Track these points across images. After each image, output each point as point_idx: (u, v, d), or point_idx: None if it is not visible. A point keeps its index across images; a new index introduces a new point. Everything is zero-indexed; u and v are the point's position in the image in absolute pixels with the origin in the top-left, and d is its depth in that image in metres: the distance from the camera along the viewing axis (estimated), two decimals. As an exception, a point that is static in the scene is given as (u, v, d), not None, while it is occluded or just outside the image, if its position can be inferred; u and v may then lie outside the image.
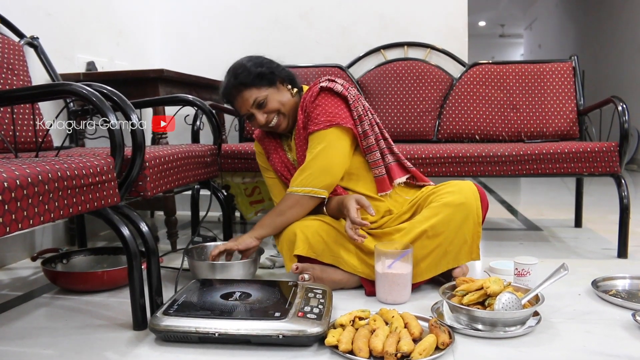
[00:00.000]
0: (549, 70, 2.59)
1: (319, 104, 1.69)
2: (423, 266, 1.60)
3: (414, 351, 1.14)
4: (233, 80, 1.72)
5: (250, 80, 1.70)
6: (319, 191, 1.66)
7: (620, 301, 1.50)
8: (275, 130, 1.78)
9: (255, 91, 1.70)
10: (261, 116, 1.72)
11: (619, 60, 6.79)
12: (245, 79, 1.70)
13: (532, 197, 4.01)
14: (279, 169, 1.84)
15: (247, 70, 1.71)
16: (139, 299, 1.35)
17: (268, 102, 1.71)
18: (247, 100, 1.71)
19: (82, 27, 2.48)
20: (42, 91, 1.36)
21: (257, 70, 1.71)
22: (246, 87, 1.71)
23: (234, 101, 1.75)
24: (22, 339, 1.33)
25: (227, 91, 1.75)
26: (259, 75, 1.71)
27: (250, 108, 1.72)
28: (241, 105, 1.73)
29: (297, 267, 1.64)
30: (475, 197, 1.63)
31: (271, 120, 1.74)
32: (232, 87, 1.73)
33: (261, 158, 1.93)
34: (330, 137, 1.66)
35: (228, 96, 1.76)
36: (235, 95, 1.73)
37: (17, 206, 0.97)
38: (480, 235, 1.64)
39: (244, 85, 1.70)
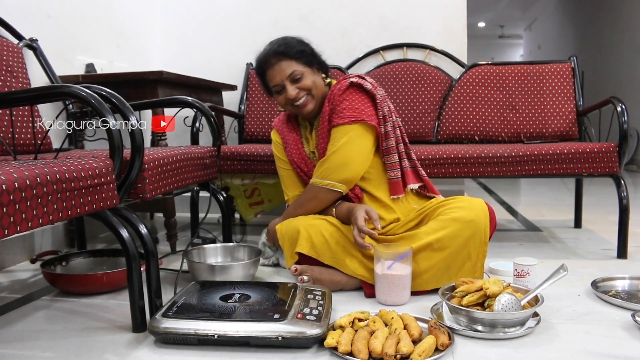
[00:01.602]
0: (549, 71, 2.59)
1: (346, 98, 1.69)
2: (425, 277, 1.60)
3: (414, 352, 1.14)
4: (275, 47, 1.72)
5: (293, 53, 1.71)
6: (337, 185, 1.66)
7: (620, 302, 1.50)
8: (299, 110, 1.76)
9: (294, 64, 1.71)
10: (293, 90, 1.70)
11: (618, 61, 6.79)
12: (288, 50, 1.71)
13: (532, 198, 4.01)
14: (296, 161, 1.83)
15: (291, 43, 1.73)
16: (138, 301, 1.35)
17: (303, 78, 1.71)
18: (285, 70, 1.70)
19: (81, 29, 2.49)
20: (41, 93, 1.36)
21: (301, 47, 1.74)
22: (287, 58, 1.71)
23: (269, 69, 1.73)
24: (22, 341, 1.33)
25: (265, 59, 1.74)
26: (302, 52, 1.73)
27: (284, 79, 1.70)
28: (276, 74, 1.72)
29: (296, 268, 1.65)
30: (485, 216, 1.63)
31: (300, 98, 1.72)
32: (272, 54, 1.72)
33: (278, 148, 1.91)
34: (354, 133, 1.66)
35: (264, 64, 1.74)
36: (272, 64, 1.72)
37: (16, 209, 0.97)
38: (485, 255, 1.64)
39: (285, 55, 1.71)
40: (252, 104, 2.82)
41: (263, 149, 2.28)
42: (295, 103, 1.73)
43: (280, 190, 2.67)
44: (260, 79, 1.81)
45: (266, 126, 2.77)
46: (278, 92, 1.75)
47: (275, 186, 2.61)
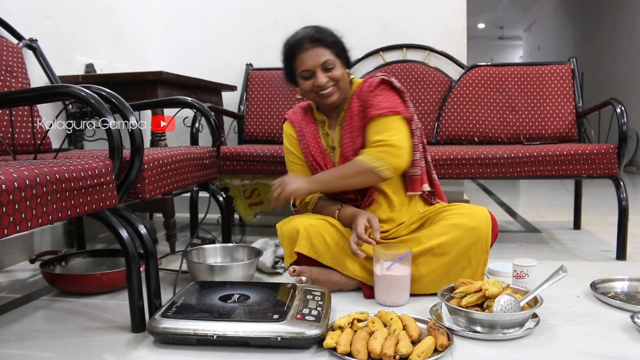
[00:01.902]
0: (548, 72, 2.59)
1: (379, 93, 1.71)
2: (425, 282, 1.61)
3: (413, 353, 1.14)
4: (312, 33, 1.70)
5: (329, 42, 1.70)
6: (386, 170, 1.62)
7: (619, 303, 1.50)
8: (323, 99, 1.72)
9: (328, 53, 1.69)
10: (323, 78, 1.68)
11: (617, 62, 6.80)
12: (324, 38, 1.70)
13: (531, 199, 4.01)
14: (314, 154, 1.80)
15: (327, 32, 1.72)
16: (137, 301, 1.35)
17: (335, 69, 1.70)
18: (320, 57, 1.68)
19: (81, 30, 2.49)
20: (41, 93, 1.36)
21: (335, 38, 1.73)
22: (322, 45, 1.69)
23: (302, 53, 1.69)
24: (21, 341, 1.33)
25: (299, 42, 1.69)
26: (336, 43, 1.72)
27: (317, 65, 1.68)
28: (309, 59, 1.68)
29: (295, 269, 1.65)
30: (488, 224, 1.63)
31: (328, 87, 1.70)
32: (307, 38, 1.69)
33: (291, 141, 1.86)
34: (399, 123, 1.67)
35: (296, 48, 1.70)
36: (307, 48, 1.68)
37: (16, 208, 0.97)
38: (486, 263, 1.65)
39: (320, 42, 1.69)
40: (251, 105, 2.82)
41: (262, 149, 2.28)
42: (322, 91, 1.70)
43: (279, 191, 2.69)
44: (286, 62, 1.75)
45: (266, 127, 2.78)
46: (306, 78, 1.71)
47: (275, 187, 2.61)
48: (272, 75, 2.84)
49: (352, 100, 1.75)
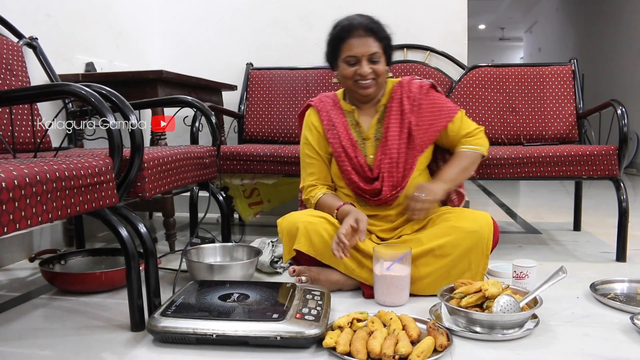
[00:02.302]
0: (549, 73, 2.59)
1: (437, 96, 1.83)
2: (424, 283, 1.61)
3: (412, 353, 1.14)
4: (368, 22, 1.70)
5: (382, 35, 1.71)
6: (486, 151, 1.84)
7: (619, 304, 1.50)
8: (360, 89, 1.73)
9: (378, 46, 1.69)
10: (368, 68, 1.68)
11: (618, 63, 6.80)
12: (379, 30, 1.71)
13: (531, 200, 4.01)
14: (345, 145, 1.77)
15: (381, 25, 1.73)
16: (136, 300, 1.35)
17: (380, 63, 1.70)
18: (369, 47, 1.68)
19: (81, 29, 2.49)
20: (41, 91, 1.36)
21: (387, 34, 1.74)
22: (375, 37, 1.69)
23: (353, 38, 1.69)
24: (20, 339, 1.33)
25: (352, 27, 1.69)
26: (387, 38, 1.73)
27: (365, 55, 1.68)
28: (359, 46, 1.68)
29: (294, 269, 1.65)
30: (489, 229, 1.63)
31: (369, 78, 1.70)
32: (363, 26, 1.69)
33: (312, 131, 1.84)
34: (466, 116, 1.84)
35: (348, 32, 1.70)
36: (360, 35, 1.68)
37: (15, 206, 0.97)
38: (486, 267, 1.65)
39: (374, 33, 1.69)
40: (252, 104, 2.82)
41: (263, 149, 2.28)
42: (362, 81, 1.71)
43: (279, 191, 2.69)
44: (333, 43, 1.75)
45: (266, 126, 2.77)
46: (350, 64, 1.70)
47: (275, 186, 2.61)
48: (272, 75, 2.84)
49: (397, 98, 1.78)
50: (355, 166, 1.76)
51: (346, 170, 1.76)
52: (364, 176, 1.76)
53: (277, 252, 1.94)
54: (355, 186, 1.77)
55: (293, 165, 2.21)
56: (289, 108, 2.76)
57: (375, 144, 1.78)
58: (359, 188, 1.76)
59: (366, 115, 1.82)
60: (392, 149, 1.74)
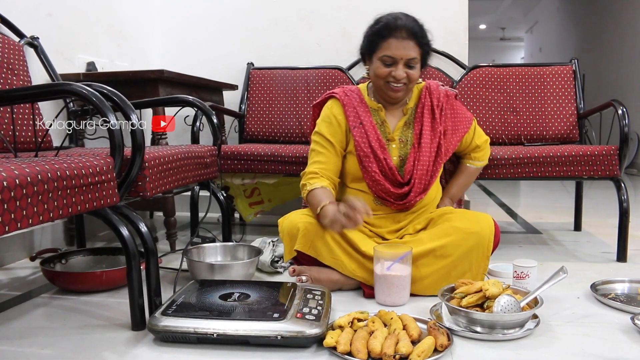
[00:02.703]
0: (550, 73, 2.59)
1: (459, 105, 1.88)
2: (425, 283, 1.61)
3: (413, 353, 1.14)
4: (413, 25, 1.66)
5: (424, 42, 1.69)
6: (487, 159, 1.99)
7: (619, 305, 1.50)
8: (389, 91, 1.70)
9: (417, 52, 1.67)
10: (402, 72, 1.66)
11: (619, 63, 6.80)
12: (422, 36, 1.68)
13: (532, 200, 4.01)
14: (373, 144, 1.72)
15: (426, 33, 1.71)
16: (137, 299, 1.35)
17: (415, 69, 1.69)
18: (409, 51, 1.65)
19: (82, 28, 2.49)
20: (42, 91, 1.36)
21: (429, 41, 1.72)
22: (417, 42, 1.66)
23: (395, 39, 1.65)
24: (21, 338, 1.33)
25: (397, 27, 1.65)
26: (428, 45, 1.71)
27: (403, 58, 1.65)
28: (399, 48, 1.64)
29: (294, 269, 1.65)
30: (490, 231, 1.64)
31: (401, 82, 1.68)
32: (407, 29, 1.65)
33: (332, 122, 1.77)
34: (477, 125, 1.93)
35: (391, 32, 1.65)
36: (403, 37, 1.64)
37: (17, 205, 0.97)
38: (486, 269, 1.65)
39: (417, 38, 1.66)
40: (252, 104, 2.82)
41: (263, 148, 2.28)
42: (394, 84, 1.68)
43: (280, 190, 2.69)
44: (371, 38, 1.71)
45: (267, 126, 2.77)
46: (385, 64, 1.67)
47: (276, 186, 2.61)
48: (273, 75, 2.84)
49: (427, 105, 1.78)
50: (384, 169, 1.72)
51: (373, 172, 1.72)
52: (393, 179, 1.73)
53: (277, 251, 1.94)
54: (380, 188, 1.73)
55: (294, 165, 2.21)
56: (290, 108, 2.76)
57: (400, 147, 1.77)
58: (385, 191, 1.73)
59: (391, 116, 1.80)
60: (425, 155, 1.74)
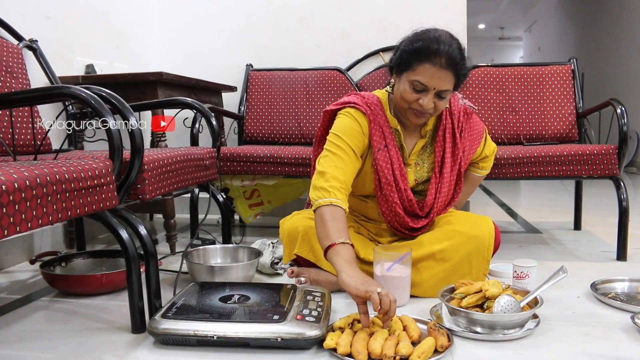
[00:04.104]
0: (549, 72, 2.59)
1: (476, 120, 1.78)
2: (425, 287, 1.60)
3: (413, 354, 1.14)
4: (456, 54, 1.47)
5: (461, 74, 1.51)
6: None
7: (619, 304, 1.50)
8: (411, 116, 1.55)
9: (452, 84, 1.50)
10: (430, 102, 1.49)
11: (618, 62, 6.80)
12: (461, 69, 1.49)
13: (532, 200, 4.01)
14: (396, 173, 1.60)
15: (465, 63, 1.51)
16: (137, 302, 1.34)
17: (444, 100, 1.52)
18: (444, 82, 1.47)
19: (81, 30, 2.49)
20: (41, 94, 1.36)
21: (466, 72, 1.53)
22: (454, 74, 1.48)
23: (432, 65, 1.45)
24: (21, 342, 1.33)
25: (439, 52, 1.45)
26: (464, 77, 1.53)
27: (434, 86, 1.47)
28: (434, 76, 1.46)
29: (293, 271, 1.65)
30: (490, 234, 1.63)
31: (427, 112, 1.53)
32: (449, 58, 1.45)
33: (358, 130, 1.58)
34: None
35: (431, 55, 1.45)
36: (441, 65, 1.45)
37: (16, 209, 0.97)
38: (487, 273, 1.65)
39: (455, 70, 1.48)
40: (252, 106, 2.82)
41: (263, 150, 2.28)
42: (418, 111, 1.52)
43: (279, 192, 2.69)
44: (408, 55, 1.50)
45: (266, 127, 2.77)
46: (415, 89, 1.49)
47: (275, 187, 2.61)
48: (272, 76, 2.84)
49: (449, 127, 1.66)
50: (403, 199, 1.62)
51: (393, 203, 1.61)
52: (411, 212, 1.66)
53: (277, 253, 1.94)
54: (397, 219, 1.65)
55: (293, 166, 2.21)
56: (289, 109, 2.77)
57: (415, 170, 1.68)
58: (402, 223, 1.65)
59: (409, 138, 1.67)
60: (446, 185, 1.65)
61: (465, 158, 1.72)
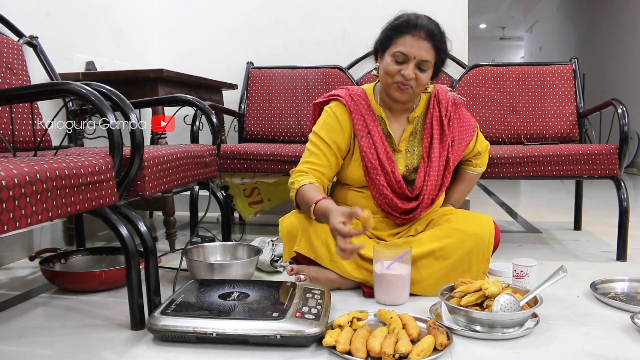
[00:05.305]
0: (550, 72, 2.59)
1: (466, 113, 1.84)
2: (425, 284, 1.61)
3: (412, 352, 1.14)
4: (431, 27, 1.61)
5: (440, 47, 1.63)
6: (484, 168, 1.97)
7: (619, 304, 1.50)
8: (394, 89, 1.65)
9: (432, 55, 1.62)
10: (411, 72, 1.60)
11: (619, 63, 6.80)
12: (440, 40, 1.63)
13: (532, 200, 4.01)
14: (381, 156, 1.68)
15: (445, 39, 1.66)
16: (137, 299, 1.34)
17: (425, 72, 1.63)
18: (423, 53, 1.59)
19: (81, 27, 2.48)
20: (41, 90, 1.36)
21: (446, 47, 1.67)
22: (433, 45, 1.61)
23: (411, 36, 1.60)
24: (20, 338, 1.33)
25: (417, 25, 1.60)
26: (444, 52, 1.66)
27: (414, 57, 1.59)
28: (413, 46, 1.59)
29: (292, 268, 1.65)
30: (490, 232, 1.63)
31: (408, 83, 1.62)
32: (425, 29, 1.59)
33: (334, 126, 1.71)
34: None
35: (410, 28, 1.60)
36: (419, 36, 1.59)
37: (15, 205, 0.97)
38: (486, 271, 1.65)
39: (434, 41, 1.61)
40: (252, 103, 2.82)
41: (263, 148, 2.28)
42: (401, 83, 1.62)
43: (279, 190, 2.69)
44: (388, 33, 1.65)
45: (266, 125, 2.77)
46: (396, 61, 1.61)
47: (275, 185, 2.61)
48: (273, 74, 2.84)
49: (436, 115, 1.74)
50: (391, 181, 1.69)
51: (380, 185, 1.69)
52: (400, 193, 1.71)
53: (277, 251, 1.94)
54: (386, 202, 1.71)
55: (293, 164, 2.20)
56: (289, 107, 2.76)
57: (406, 157, 1.75)
58: (391, 205, 1.71)
59: (397, 124, 1.76)
60: (434, 169, 1.71)
61: (456, 149, 1.76)
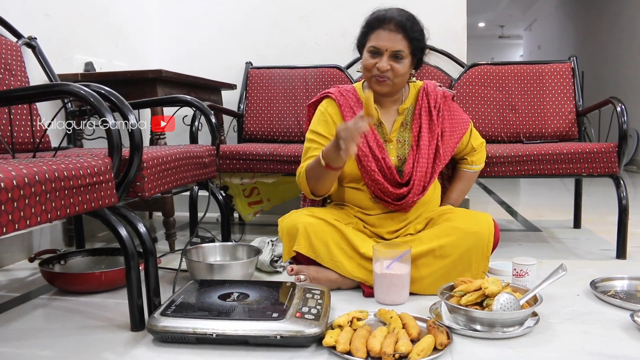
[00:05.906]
0: (548, 71, 2.59)
1: (456, 107, 1.87)
2: (425, 283, 1.61)
3: (412, 352, 1.14)
4: (401, 18, 1.65)
5: (413, 35, 1.66)
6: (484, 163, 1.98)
7: (619, 302, 1.50)
8: (373, 81, 1.70)
9: (405, 45, 1.66)
10: (386, 64, 1.65)
11: (618, 61, 6.80)
12: (411, 28, 1.66)
13: (531, 198, 4.01)
14: (371, 144, 1.72)
15: (416, 26, 1.68)
16: (136, 300, 1.34)
17: (401, 63, 1.67)
18: (395, 44, 1.64)
19: (80, 28, 2.48)
20: (40, 91, 1.36)
21: (420, 35, 1.70)
22: (405, 35, 1.65)
23: (383, 30, 1.66)
24: (20, 340, 1.33)
25: (386, 19, 1.66)
26: (418, 40, 1.69)
27: (387, 49, 1.65)
28: (385, 39, 1.65)
29: (292, 268, 1.65)
30: (490, 231, 1.64)
31: (384, 75, 1.67)
32: (395, 21, 1.65)
33: (328, 122, 1.77)
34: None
35: (380, 23, 1.67)
36: (390, 29, 1.65)
37: (14, 206, 0.97)
38: (486, 269, 1.65)
39: (405, 31, 1.65)
40: (251, 103, 2.82)
41: (262, 148, 2.27)
42: (378, 76, 1.67)
43: (279, 190, 2.69)
44: (364, 30, 1.73)
45: (265, 125, 2.77)
46: (372, 54, 1.68)
47: (275, 185, 2.61)
48: (272, 74, 2.84)
49: (425, 106, 1.77)
50: (382, 168, 1.72)
51: (371, 171, 1.71)
52: (391, 179, 1.73)
53: (277, 251, 1.94)
54: (379, 187, 1.73)
55: (293, 164, 2.20)
56: (289, 107, 2.76)
57: (398, 147, 1.77)
58: (384, 190, 1.73)
59: (388, 115, 1.80)
60: (424, 157, 1.74)
61: (447, 140, 1.79)
